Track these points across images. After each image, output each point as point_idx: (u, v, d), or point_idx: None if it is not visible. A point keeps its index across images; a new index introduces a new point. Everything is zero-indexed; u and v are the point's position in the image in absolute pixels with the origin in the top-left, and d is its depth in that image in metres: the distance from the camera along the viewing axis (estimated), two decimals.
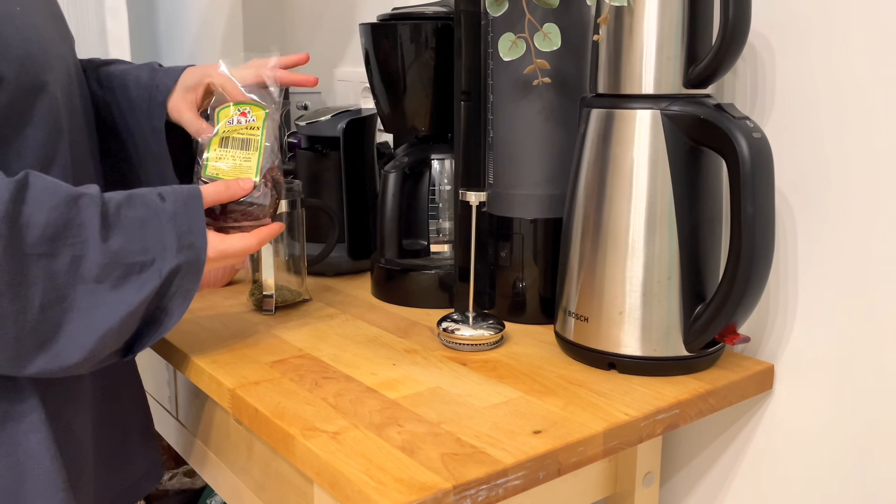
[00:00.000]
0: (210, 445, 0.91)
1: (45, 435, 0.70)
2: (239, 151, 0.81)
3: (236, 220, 0.79)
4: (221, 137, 0.82)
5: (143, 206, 0.70)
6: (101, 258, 0.67)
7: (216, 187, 0.77)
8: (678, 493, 0.96)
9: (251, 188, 0.79)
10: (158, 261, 0.70)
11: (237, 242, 0.76)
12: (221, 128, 0.82)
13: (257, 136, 0.82)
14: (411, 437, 0.65)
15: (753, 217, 0.70)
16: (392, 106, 1.02)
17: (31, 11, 0.72)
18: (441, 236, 1.02)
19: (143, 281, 0.69)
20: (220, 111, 0.83)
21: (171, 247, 0.70)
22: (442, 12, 0.97)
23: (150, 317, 0.71)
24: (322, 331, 0.90)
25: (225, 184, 0.78)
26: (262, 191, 0.80)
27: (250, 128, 0.82)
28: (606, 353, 0.78)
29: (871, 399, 0.76)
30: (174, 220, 0.71)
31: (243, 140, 0.82)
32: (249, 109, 0.83)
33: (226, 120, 0.82)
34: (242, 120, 0.82)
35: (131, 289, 0.68)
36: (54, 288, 0.65)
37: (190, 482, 1.45)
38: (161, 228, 0.70)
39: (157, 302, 0.71)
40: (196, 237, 0.72)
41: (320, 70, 1.58)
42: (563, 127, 0.88)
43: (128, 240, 0.68)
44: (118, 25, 1.36)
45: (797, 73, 0.79)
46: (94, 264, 0.66)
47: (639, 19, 0.74)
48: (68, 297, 0.66)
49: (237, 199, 0.78)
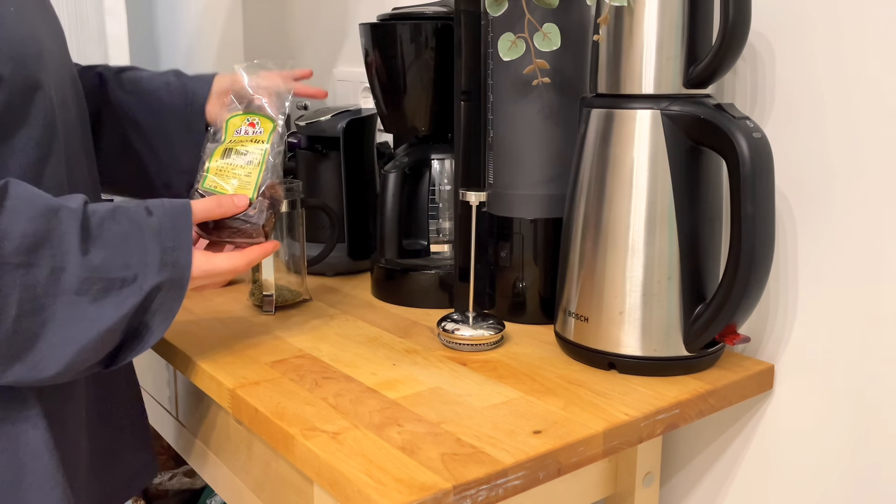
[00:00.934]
0: (210, 445, 0.91)
1: (43, 431, 0.70)
2: (241, 165, 0.79)
3: (230, 236, 0.77)
4: (225, 148, 0.80)
5: (128, 221, 0.69)
6: (80, 271, 0.65)
7: (208, 203, 0.75)
8: (678, 493, 0.96)
9: (245, 206, 0.77)
10: (140, 277, 0.68)
11: (224, 263, 0.75)
12: (228, 137, 0.81)
13: (261, 150, 0.80)
14: (411, 437, 0.65)
15: (753, 217, 0.70)
16: (392, 106, 1.02)
17: (25, 11, 0.72)
18: (441, 236, 1.02)
19: (124, 297, 0.67)
20: (229, 119, 0.82)
21: (153, 263, 0.69)
22: (442, 12, 0.97)
23: (133, 331, 0.70)
24: (322, 331, 0.90)
25: (217, 200, 0.76)
26: (259, 208, 0.78)
27: (256, 140, 0.81)
28: (606, 353, 0.78)
29: (871, 399, 0.76)
30: (159, 235, 0.69)
31: (246, 152, 0.80)
32: (259, 121, 0.82)
33: (234, 129, 0.81)
34: (250, 131, 0.81)
35: (111, 304, 0.67)
36: (32, 298, 0.64)
37: (190, 482, 1.45)
38: (144, 244, 0.69)
39: (139, 318, 0.69)
40: (180, 254, 0.70)
41: (320, 70, 1.57)
42: (563, 127, 0.88)
43: (109, 254, 0.67)
44: (117, 26, 1.36)
45: (797, 73, 0.79)
46: (74, 277, 0.65)
47: (639, 19, 0.74)
48: (47, 308, 0.64)
49: (229, 216, 0.76)
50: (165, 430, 1.03)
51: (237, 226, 0.77)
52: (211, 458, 0.91)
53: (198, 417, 0.93)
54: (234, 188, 0.79)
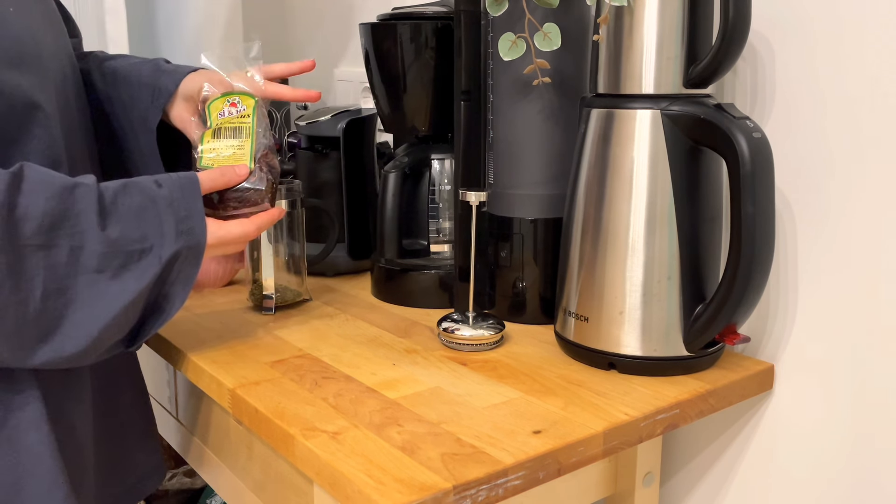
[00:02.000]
0: (210, 445, 0.91)
1: (46, 433, 0.70)
2: (232, 140, 0.82)
3: (235, 208, 0.79)
4: (214, 129, 0.82)
5: (140, 194, 0.70)
6: (99, 247, 0.67)
7: (212, 174, 0.77)
8: (678, 493, 0.96)
9: (247, 174, 0.79)
10: (157, 247, 0.69)
11: (236, 228, 0.76)
12: (213, 121, 0.83)
13: (248, 123, 0.82)
14: (411, 437, 0.65)
15: (753, 217, 0.70)
16: (392, 106, 1.02)
17: (25, 13, 0.72)
18: (441, 236, 1.02)
19: (144, 268, 0.69)
20: (210, 104, 0.84)
21: (169, 233, 0.70)
22: (442, 12, 0.97)
23: (153, 304, 0.71)
24: (322, 331, 0.90)
25: (220, 170, 0.78)
26: (258, 175, 0.80)
27: (241, 116, 0.83)
28: (606, 353, 0.78)
29: (871, 399, 0.76)
30: (172, 205, 0.71)
31: (235, 129, 0.82)
32: (239, 99, 0.84)
33: (217, 112, 0.83)
34: (233, 111, 0.83)
35: (132, 277, 0.68)
36: (54, 279, 0.65)
37: (190, 482, 1.45)
38: (159, 215, 0.70)
39: (158, 289, 0.71)
40: (195, 222, 0.72)
41: (320, 70, 1.57)
42: (563, 127, 0.88)
43: (126, 228, 0.68)
44: (117, 25, 1.36)
45: (797, 73, 0.79)
46: (93, 254, 0.66)
47: (639, 19, 0.74)
48: (69, 288, 0.66)
49: (233, 185, 0.78)
50: (165, 431, 1.03)
51: (240, 195, 0.79)
52: (211, 459, 0.91)
53: (198, 417, 0.93)
54: (230, 161, 0.80)
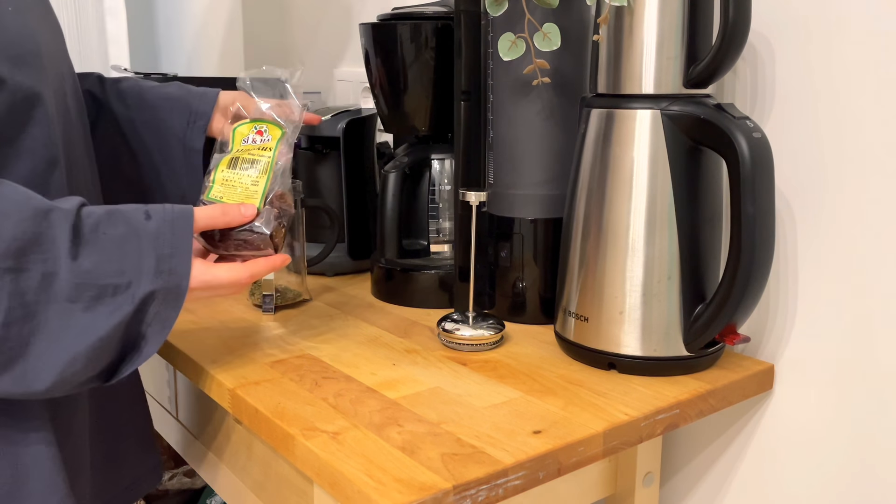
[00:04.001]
0: (210, 445, 0.91)
1: (44, 433, 0.70)
2: (247, 173, 0.76)
3: (236, 249, 0.74)
4: (232, 158, 0.77)
5: (125, 224, 0.65)
6: (72, 277, 0.62)
7: (212, 211, 0.71)
8: (678, 493, 0.96)
9: (252, 216, 0.73)
10: (134, 284, 0.64)
11: (224, 274, 0.70)
12: (235, 147, 0.78)
13: (268, 157, 0.77)
14: (411, 437, 0.65)
15: (753, 217, 0.70)
16: (392, 106, 1.02)
17: (24, 11, 0.72)
18: (441, 236, 1.02)
19: (117, 305, 0.64)
20: (236, 128, 0.79)
21: (148, 270, 0.65)
22: (442, 12, 0.97)
23: (132, 342, 0.66)
24: (322, 331, 0.90)
25: (223, 208, 0.72)
26: (266, 218, 0.73)
27: (263, 148, 0.77)
28: (606, 353, 0.78)
29: (871, 399, 0.76)
30: (156, 241, 0.66)
31: (253, 161, 0.76)
32: (266, 128, 0.78)
33: (241, 138, 0.78)
34: (258, 139, 0.77)
35: (105, 312, 0.63)
36: (21, 305, 0.61)
37: (190, 482, 1.45)
38: (140, 249, 0.65)
39: (135, 327, 0.65)
40: (178, 262, 0.66)
41: (320, 70, 1.58)
42: (563, 127, 0.88)
43: (102, 259, 0.63)
44: (117, 25, 1.36)
45: (797, 73, 0.79)
46: (66, 283, 0.62)
47: (639, 19, 0.74)
48: (37, 314, 0.61)
49: (235, 226, 0.72)
50: (165, 431, 1.03)
51: (244, 237, 0.73)
52: (211, 458, 0.91)
53: (198, 417, 0.93)
54: (240, 197, 0.75)
